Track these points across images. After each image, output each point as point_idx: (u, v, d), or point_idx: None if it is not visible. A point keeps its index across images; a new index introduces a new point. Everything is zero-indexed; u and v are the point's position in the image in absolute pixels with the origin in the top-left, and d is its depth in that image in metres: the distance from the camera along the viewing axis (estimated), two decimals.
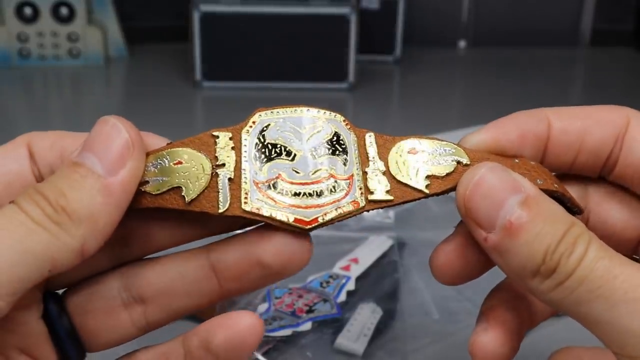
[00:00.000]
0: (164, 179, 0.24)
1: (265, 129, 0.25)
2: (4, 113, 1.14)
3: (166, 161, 0.24)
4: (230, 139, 0.25)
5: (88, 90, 1.33)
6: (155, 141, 0.25)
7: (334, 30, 1.26)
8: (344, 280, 0.51)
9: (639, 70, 1.46)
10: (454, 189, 0.25)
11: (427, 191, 0.25)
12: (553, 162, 0.27)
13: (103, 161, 0.23)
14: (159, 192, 0.24)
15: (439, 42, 1.67)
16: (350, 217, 0.25)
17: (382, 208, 0.25)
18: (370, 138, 0.26)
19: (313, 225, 0.24)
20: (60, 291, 0.26)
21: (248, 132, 0.25)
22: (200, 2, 1.23)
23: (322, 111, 0.26)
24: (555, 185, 0.25)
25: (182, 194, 0.24)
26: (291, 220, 0.24)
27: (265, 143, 0.25)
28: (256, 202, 0.24)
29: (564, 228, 0.23)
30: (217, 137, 0.25)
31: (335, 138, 0.25)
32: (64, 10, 1.38)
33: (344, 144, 0.25)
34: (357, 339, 0.46)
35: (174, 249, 0.26)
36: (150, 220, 0.26)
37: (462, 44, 1.69)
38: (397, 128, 1.14)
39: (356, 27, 1.25)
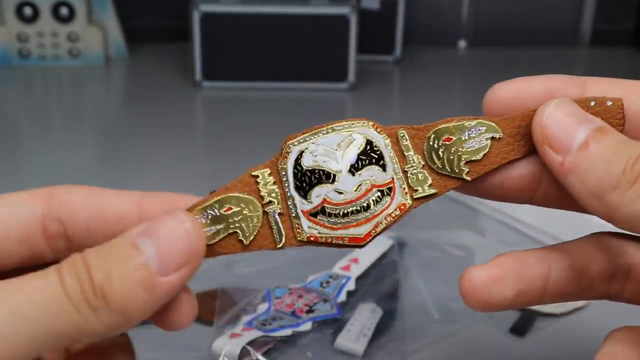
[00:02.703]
0: (218, 227, 0.25)
1: (299, 157, 0.26)
2: (4, 113, 1.14)
3: (216, 210, 0.25)
4: (270, 174, 0.25)
5: (88, 90, 1.33)
6: (192, 200, 0.25)
7: (334, 30, 1.26)
8: (344, 280, 0.51)
9: (639, 70, 1.46)
10: (492, 169, 0.26)
11: (468, 178, 0.26)
12: None
13: (160, 258, 0.22)
14: (215, 240, 0.25)
15: (439, 42, 1.67)
16: (401, 219, 0.26)
17: (428, 200, 0.26)
18: (402, 134, 0.26)
19: (367, 240, 0.25)
20: None
21: (284, 164, 0.26)
22: (200, 2, 1.23)
23: (349, 122, 0.26)
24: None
25: (240, 238, 0.25)
26: (347, 241, 0.25)
27: (304, 171, 0.25)
28: (308, 230, 0.25)
29: None
30: (257, 176, 0.25)
31: (368, 147, 0.26)
32: (64, 10, 1.38)
33: (377, 150, 0.26)
34: (357, 339, 0.46)
35: None
36: None
37: (462, 44, 1.69)
38: None
39: (356, 27, 1.25)
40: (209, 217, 0.25)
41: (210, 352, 0.44)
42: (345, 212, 0.25)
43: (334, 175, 0.25)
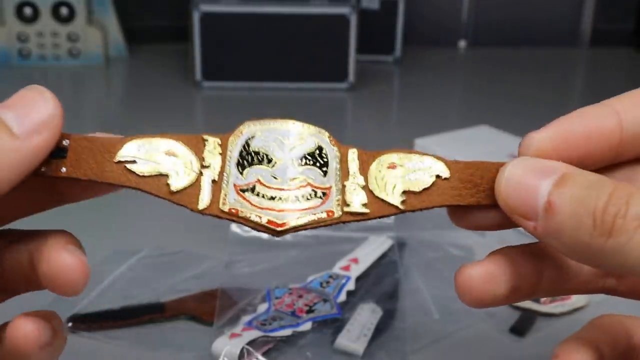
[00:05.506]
0: (153, 163, 0.25)
1: (251, 138, 0.26)
2: None
3: (159, 147, 0.25)
4: (219, 144, 0.26)
5: (88, 90, 1.33)
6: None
7: (334, 30, 1.26)
8: (344, 280, 0.51)
9: (639, 70, 1.46)
10: (430, 207, 0.26)
11: (402, 207, 0.25)
12: (630, 156, 0.25)
13: (19, 120, 0.23)
14: (144, 174, 0.24)
15: (439, 42, 1.67)
16: (323, 225, 0.25)
17: (357, 221, 0.25)
18: (353, 154, 0.26)
19: (284, 227, 0.25)
20: None
21: (235, 140, 0.26)
22: (200, 2, 1.23)
23: (309, 126, 0.26)
24: None
25: (168, 181, 0.25)
26: (264, 221, 0.24)
27: (249, 150, 0.26)
28: (233, 203, 0.25)
29: (609, 190, 0.21)
30: (207, 140, 0.26)
31: (317, 151, 0.26)
32: (64, 10, 1.38)
33: (325, 158, 0.26)
34: (357, 339, 0.46)
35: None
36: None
37: (462, 44, 1.69)
38: (396, 128, 1.14)
39: (356, 27, 1.25)
40: (149, 151, 0.25)
41: (210, 352, 0.44)
42: (273, 196, 0.25)
43: (275, 162, 0.26)
